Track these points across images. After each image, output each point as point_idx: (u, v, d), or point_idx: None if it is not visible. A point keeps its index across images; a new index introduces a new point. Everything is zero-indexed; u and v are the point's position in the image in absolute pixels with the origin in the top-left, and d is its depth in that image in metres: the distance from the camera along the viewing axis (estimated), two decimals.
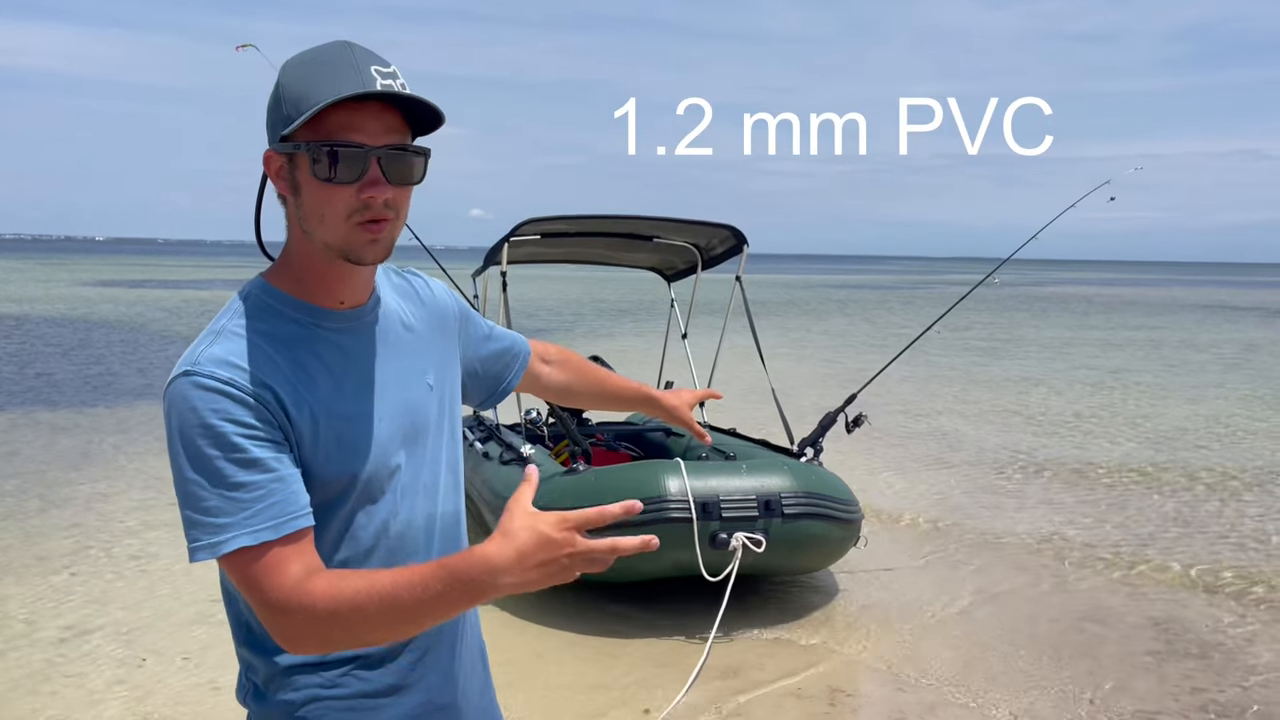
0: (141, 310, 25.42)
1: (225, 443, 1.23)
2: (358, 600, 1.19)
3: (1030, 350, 19.38)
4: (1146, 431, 10.51)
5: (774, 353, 11.88)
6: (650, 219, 6.64)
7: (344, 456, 1.32)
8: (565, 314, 26.82)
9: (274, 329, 1.32)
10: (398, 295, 1.49)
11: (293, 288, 1.35)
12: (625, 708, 4.00)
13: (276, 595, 1.22)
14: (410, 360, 1.45)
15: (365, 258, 1.31)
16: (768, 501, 4.69)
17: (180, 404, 1.25)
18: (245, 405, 1.24)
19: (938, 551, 6.19)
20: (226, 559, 1.23)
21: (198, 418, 1.23)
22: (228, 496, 1.22)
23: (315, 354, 1.33)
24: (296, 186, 1.30)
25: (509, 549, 1.17)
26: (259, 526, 1.23)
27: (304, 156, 1.27)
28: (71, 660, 4.37)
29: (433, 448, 1.46)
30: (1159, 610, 5.21)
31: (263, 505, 1.24)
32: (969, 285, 6.39)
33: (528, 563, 1.16)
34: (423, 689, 1.42)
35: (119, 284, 39.19)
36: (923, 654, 4.58)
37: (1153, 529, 6.76)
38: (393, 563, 1.37)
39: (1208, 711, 4.04)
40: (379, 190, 1.27)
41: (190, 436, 1.23)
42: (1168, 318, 30.58)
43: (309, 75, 1.27)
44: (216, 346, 1.28)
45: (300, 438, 1.29)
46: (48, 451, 8.61)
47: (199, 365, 1.26)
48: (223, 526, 1.22)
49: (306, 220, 1.30)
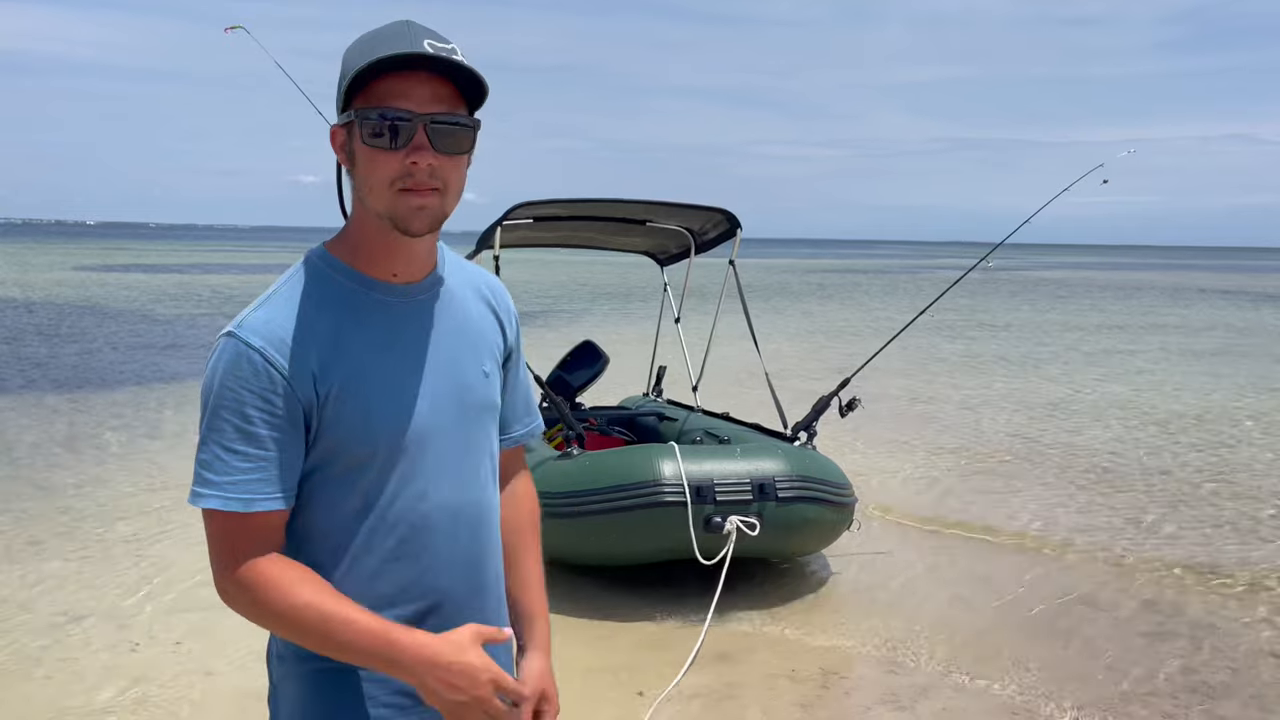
0: (133, 295, 25.32)
1: (236, 409, 1.29)
2: (301, 613, 1.29)
3: (1024, 335, 19.41)
4: (1140, 416, 10.54)
5: (767, 337, 11.87)
6: (643, 203, 6.62)
7: (371, 427, 1.35)
8: (558, 298, 26.78)
9: (323, 294, 1.36)
10: (472, 290, 1.51)
11: (349, 256, 1.39)
12: (620, 691, 4.01)
13: (228, 562, 1.31)
14: (466, 346, 1.46)
15: (412, 227, 1.33)
16: (762, 485, 4.70)
17: (215, 360, 1.32)
18: (268, 377, 1.30)
19: (931, 535, 6.21)
20: (203, 511, 1.32)
21: (221, 377, 1.30)
22: (220, 457, 1.30)
23: (359, 322, 1.36)
24: (352, 155, 1.34)
25: (446, 656, 1.29)
26: (232, 496, 1.30)
27: (356, 125, 1.31)
28: (64, 645, 4.36)
29: (478, 435, 1.46)
30: (1150, 593, 5.24)
31: (245, 479, 1.30)
32: (963, 270, 6.39)
33: (447, 678, 1.28)
34: None
35: (111, 269, 39.02)
36: (915, 637, 4.60)
37: (1145, 514, 6.79)
38: (417, 542, 1.39)
39: (1198, 693, 4.07)
40: (422, 156, 1.30)
41: (212, 391, 1.31)
42: (1162, 303, 30.65)
43: (364, 49, 1.31)
44: (262, 310, 1.34)
45: (325, 406, 1.33)
46: (39, 436, 8.58)
47: (240, 329, 1.32)
48: (206, 481, 1.31)
49: (360, 188, 1.35)
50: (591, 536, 4.75)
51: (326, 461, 1.35)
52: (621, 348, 9.95)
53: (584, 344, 7.60)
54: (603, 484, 4.70)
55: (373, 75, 1.29)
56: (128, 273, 36.12)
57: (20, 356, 13.64)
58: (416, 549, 1.39)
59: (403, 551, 1.38)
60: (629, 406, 7.58)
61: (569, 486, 4.80)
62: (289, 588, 1.29)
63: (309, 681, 1.39)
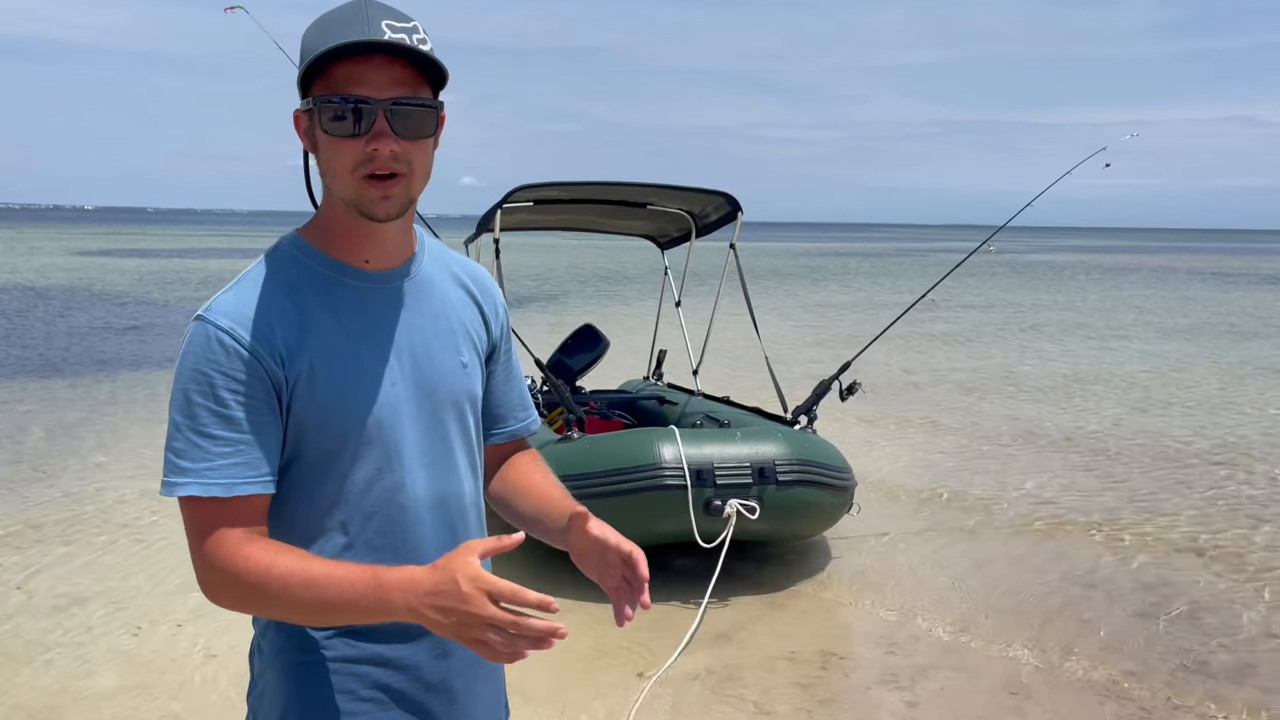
0: (130, 280, 25.29)
1: (209, 392, 1.27)
2: (287, 580, 1.24)
3: (1024, 317, 19.40)
4: (1138, 399, 10.55)
5: (768, 320, 11.87)
6: (644, 186, 6.60)
7: (343, 412, 1.32)
8: (558, 281, 26.75)
9: (293, 279, 1.34)
10: (452, 279, 1.48)
11: (321, 242, 1.37)
12: (619, 672, 4.03)
13: (209, 551, 1.27)
14: (442, 335, 1.43)
15: (378, 214, 1.31)
16: (762, 468, 4.70)
17: (186, 345, 1.30)
18: (239, 358, 1.27)
19: (930, 517, 6.22)
20: (180, 501, 1.28)
21: (193, 361, 1.28)
22: (195, 444, 1.27)
23: (330, 308, 1.34)
24: (315, 143, 1.33)
25: (429, 580, 1.19)
26: (212, 481, 1.26)
27: (316, 111, 1.30)
28: (66, 629, 4.38)
29: (455, 426, 1.43)
30: (1148, 574, 5.25)
31: (224, 462, 1.27)
32: (964, 253, 6.38)
33: (432, 601, 1.18)
34: (411, 663, 1.38)
35: (109, 253, 38.95)
36: (914, 618, 4.62)
37: (1143, 494, 6.80)
38: (396, 534, 1.36)
39: (1194, 672, 4.08)
40: (383, 143, 1.27)
41: (184, 377, 1.28)
42: (1162, 285, 30.62)
43: (322, 32, 1.29)
44: (230, 294, 1.31)
45: (295, 388, 1.30)
46: (39, 422, 8.59)
47: (209, 312, 1.30)
48: (182, 470, 1.27)
49: (324, 175, 1.34)
50: None
51: (299, 450, 1.32)
52: (622, 331, 9.94)
53: (584, 327, 7.60)
54: (603, 467, 4.71)
55: (330, 60, 1.26)
56: (125, 258, 36.06)
57: (20, 342, 13.63)
58: (396, 541, 1.36)
59: (382, 543, 1.35)
60: (629, 390, 7.59)
61: (569, 470, 4.81)
62: (271, 562, 1.25)
63: (287, 674, 1.36)
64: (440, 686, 1.40)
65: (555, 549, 1.56)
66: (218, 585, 1.28)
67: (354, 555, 1.34)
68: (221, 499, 1.26)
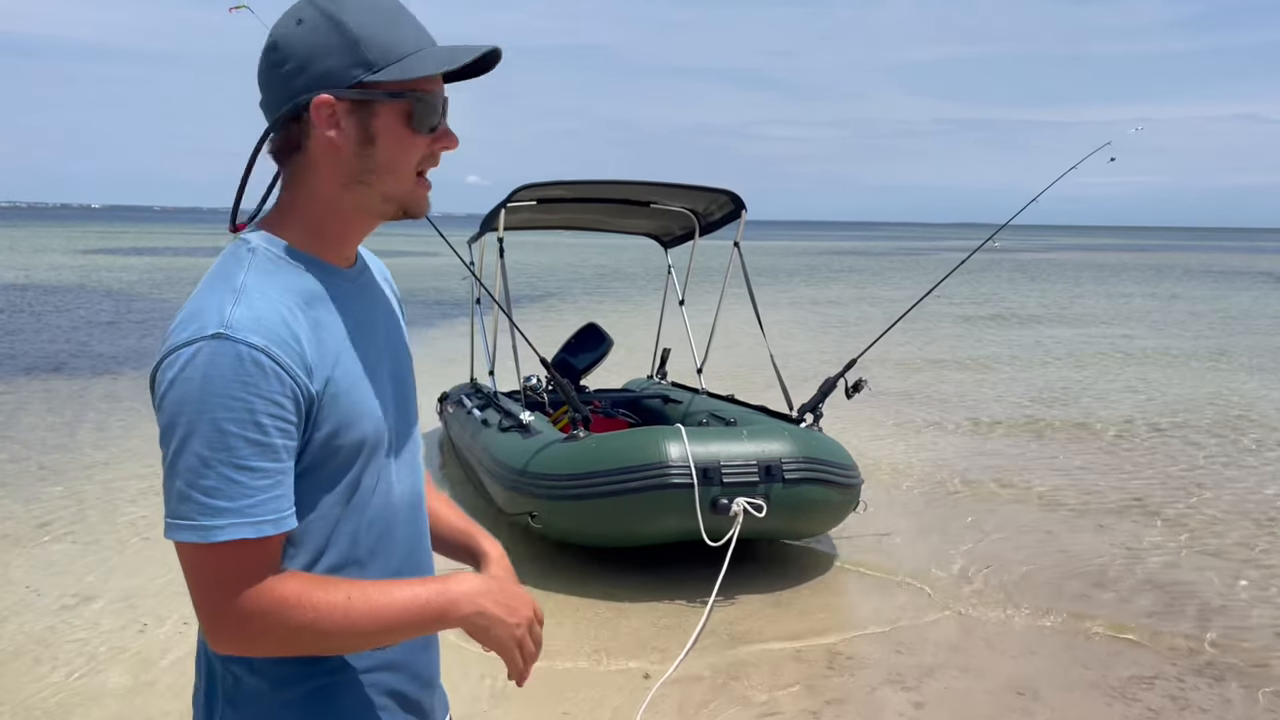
0: (137, 278, 25.33)
1: (248, 420, 1.13)
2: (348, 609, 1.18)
3: (1029, 314, 19.36)
4: (1146, 393, 10.52)
5: (772, 319, 11.86)
6: (648, 184, 6.60)
7: (358, 419, 1.26)
8: (562, 280, 26.74)
9: (292, 286, 1.24)
10: (375, 269, 1.45)
11: (305, 243, 1.28)
12: (625, 671, 4.03)
13: (253, 598, 1.15)
14: (397, 327, 1.42)
15: (423, 210, 1.30)
16: (768, 467, 4.70)
17: (208, 368, 1.13)
18: (277, 378, 1.15)
19: (936, 515, 6.21)
20: (207, 548, 1.13)
21: (222, 387, 1.13)
22: (232, 479, 1.13)
23: (330, 312, 1.27)
24: (370, 136, 1.23)
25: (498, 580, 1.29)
26: (261, 519, 1.14)
27: (390, 105, 1.23)
28: (73, 627, 4.38)
29: (413, 417, 1.41)
30: (1159, 572, 5.24)
31: (265, 496, 1.15)
32: (968, 250, 6.37)
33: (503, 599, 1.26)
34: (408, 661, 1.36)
35: (117, 251, 39.03)
36: (921, 617, 4.61)
37: (1152, 490, 6.78)
38: (389, 536, 1.33)
39: (1204, 674, 4.07)
40: (450, 140, 1.28)
41: (211, 405, 1.13)
42: (1167, 283, 30.54)
43: (384, 21, 1.23)
44: (243, 307, 1.17)
45: (322, 402, 1.22)
46: (45, 420, 8.60)
47: (232, 329, 1.15)
48: (220, 510, 1.12)
49: (375, 172, 1.25)
50: (598, 518, 4.76)
51: (318, 463, 1.23)
52: (626, 330, 9.94)
53: (588, 326, 7.60)
54: (609, 466, 4.71)
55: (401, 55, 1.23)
56: (135, 256, 36.12)
57: (26, 339, 13.66)
58: (390, 543, 1.33)
59: (379, 547, 1.32)
60: (633, 389, 7.58)
61: (576, 469, 4.81)
62: (322, 591, 1.17)
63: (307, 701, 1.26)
64: (427, 679, 1.40)
65: (563, 551, 1.56)
66: (262, 634, 1.16)
67: (357, 563, 1.29)
68: (270, 537, 1.15)
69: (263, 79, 1.27)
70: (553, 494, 4.84)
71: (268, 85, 1.26)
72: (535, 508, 4.93)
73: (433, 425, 8.34)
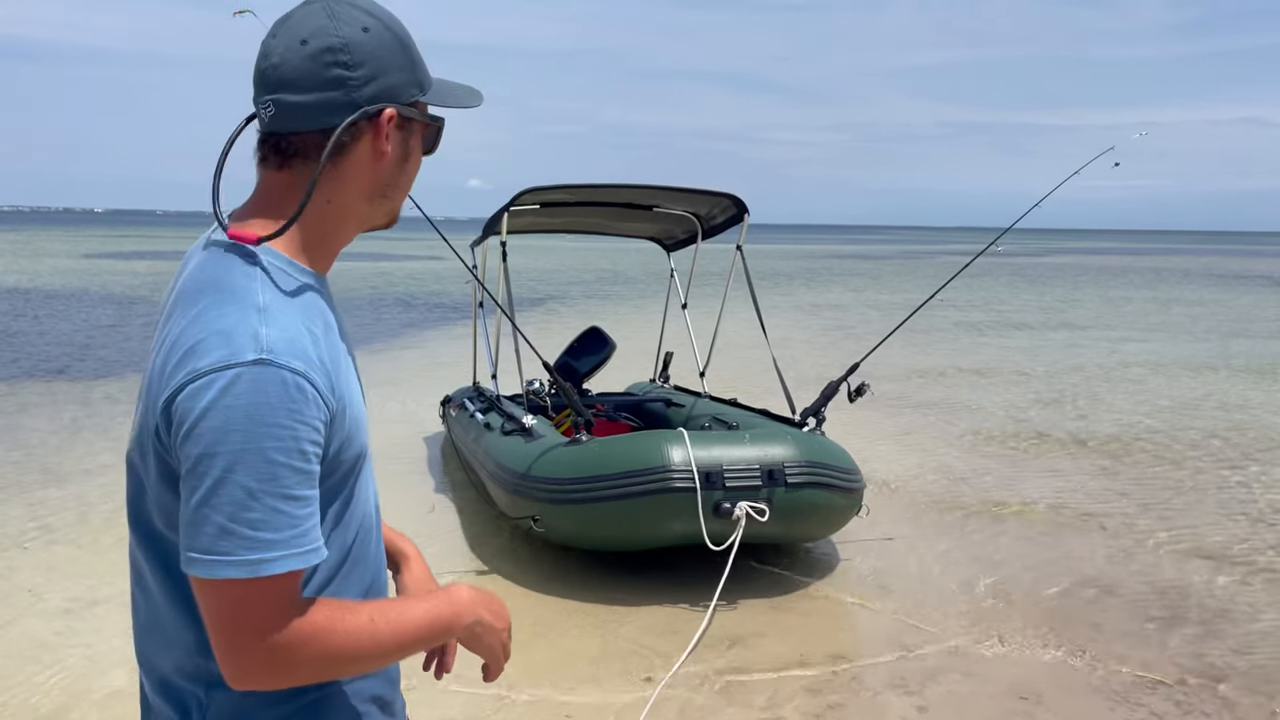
0: (139, 281, 25.36)
1: (294, 448, 1.11)
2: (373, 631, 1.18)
3: (1033, 319, 19.35)
4: (1149, 400, 10.51)
5: (775, 322, 11.87)
6: (650, 188, 6.61)
7: (356, 432, 1.26)
8: (564, 283, 26.75)
9: (304, 303, 1.21)
10: None
11: (300, 255, 1.26)
12: (627, 675, 4.02)
13: (297, 629, 1.12)
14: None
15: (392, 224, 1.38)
16: (771, 471, 4.69)
17: (255, 394, 1.09)
18: (316, 404, 1.14)
19: (939, 520, 6.20)
20: (253, 583, 1.09)
21: (269, 415, 1.09)
22: (279, 510, 1.10)
23: (330, 327, 1.26)
24: (407, 153, 1.29)
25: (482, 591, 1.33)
26: (308, 547, 1.12)
27: (424, 126, 1.31)
28: (77, 631, 4.39)
29: None
30: (1161, 578, 5.23)
31: (310, 525, 1.13)
32: (971, 254, 6.37)
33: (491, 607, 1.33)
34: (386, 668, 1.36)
35: (119, 255, 39.08)
36: (924, 622, 4.60)
37: (1155, 496, 6.77)
38: (368, 544, 1.33)
39: (1206, 678, 4.06)
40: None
41: (258, 435, 1.08)
42: (1171, 287, 30.52)
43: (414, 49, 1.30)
44: (275, 328, 1.14)
45: (339, 421, 1.20)
46: (50, 424, 8.61)
47: (275, 354, 1.11)
48: (268, 543, 1.09)
49: (398, 187, 1.31)
50: (601, 522, 4.75)
51: (323, 479, 1.21)
52: (628, 334, 9.94)
53: (591, 330, 7.61)
54: (612, 470, 4.71)
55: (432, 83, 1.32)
56: (135, 259, 36.17)
57: (29, 344, 13.68)
58: (368, 554, 1.33)
59: (361, 555, 1.31)
60: (636, 392, 7.59)
61: (578, 472, 4.80)
62: (350, 615, 1.17)
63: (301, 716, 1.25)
64: (396, 678, 1.41)
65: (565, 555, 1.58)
66: (298, 664, 1.13)
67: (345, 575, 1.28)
68: (316, 565, 1.15)
69: (316, 79, 1.21)
70: (555, 498, 4.84)
71: (324, 85, 1.21)
72: (537, 511, 4.93)
73: (435, 428, 8.34)
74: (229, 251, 1.22)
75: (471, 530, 5.86)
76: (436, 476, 7.10)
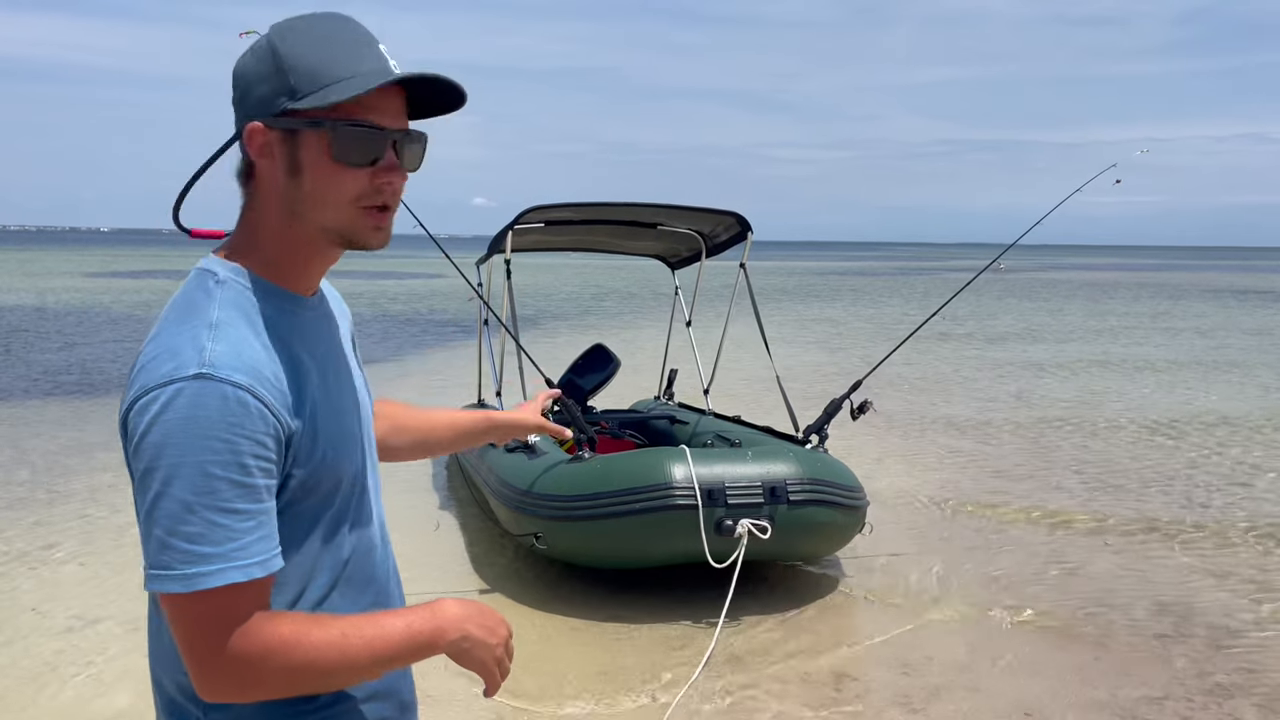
0: (145, 300, 25.45)
1: (232, 462, 1.10)
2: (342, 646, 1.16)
3: (1036, 335, 19.33)
4: (1154, 416, 10.48)
5: (778, 340, 11.89)
6: (654, 206, 6.64)
7: (335, 454, 1.25)
8: (569, 301, 26.81)
9: (264, 320, 1.21)
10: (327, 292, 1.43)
11: (267, 273, 1.25)
12: (633, 693, 4.01)
13: (245, 643, 1.11)
14: (350, 351, 1.41)
15: (372, 244, 1.25)
16: (773, 488, 4.69)
17: (192, 409, 1.10)
18: (262, 418, 1.13)
19: (943, 537, 6.19)
20: (194, 596, 1.09)
21: (206, 428, 1.09)
22: (216, 523, 1.09)
23: (304, 345, 1.25)
24: (297, 166, 1.20)
25: (474, 605, 1.28)
26: (249, 561, 1.11)
27: (314, 134, 1.19)
28: (80, 650, 4.39)
29: (373, 443, 1.41)
30: (1168, 594, 5.21)
31: (250, 539, 1.12)
32: (973, 271, 6.38)
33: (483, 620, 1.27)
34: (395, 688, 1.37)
35: (125, 275, 39.22)
36: (928, 639, 4.59)
37: (1161, 514, 6.75)
38: (367, 565, 1.33)
39: (1212, 695, 4.04)
40: (395, 176, 1.22)
41: (194, 448, 1.09)
42: (1175, 302, 30.49)
43: (320, 49, 1.20)
44: (222, 344, 1.14)
45: (300, 439, 1.19)
46: (54, 443, 8.63)
47: (214, 368, 1.12)
48: (206, 556, 1.09)
49: (304, 202, 1.21)
50: (603, 539, 4.75)
51: (297, 499, 1.21)
52: (633, 351, 9.96)
53: (595, 347, 7.62)
54: (614, 487, 4.71)
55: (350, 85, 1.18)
56: (140, 278, 36.29)
57: (35, 363, 13.72)
58: (368, 576, 1.33)
59: (358, 575, 1.31)
60: (640, 410, 7.59)
61: (581, 489, 4.81)
62: (319, 629, 1.16)
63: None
64: (408, 702, 1.40)
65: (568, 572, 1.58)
66: (260, 678, 1.14)
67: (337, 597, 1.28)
68: (260, 579, 1.12)
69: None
70: (558, 515, 4.84)
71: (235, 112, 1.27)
72: (540, 528, 4.93)
73: None
74: (201, 272, 1.24)
75: (475, 548, 5.86)
76: (441, 493, 7.11)
